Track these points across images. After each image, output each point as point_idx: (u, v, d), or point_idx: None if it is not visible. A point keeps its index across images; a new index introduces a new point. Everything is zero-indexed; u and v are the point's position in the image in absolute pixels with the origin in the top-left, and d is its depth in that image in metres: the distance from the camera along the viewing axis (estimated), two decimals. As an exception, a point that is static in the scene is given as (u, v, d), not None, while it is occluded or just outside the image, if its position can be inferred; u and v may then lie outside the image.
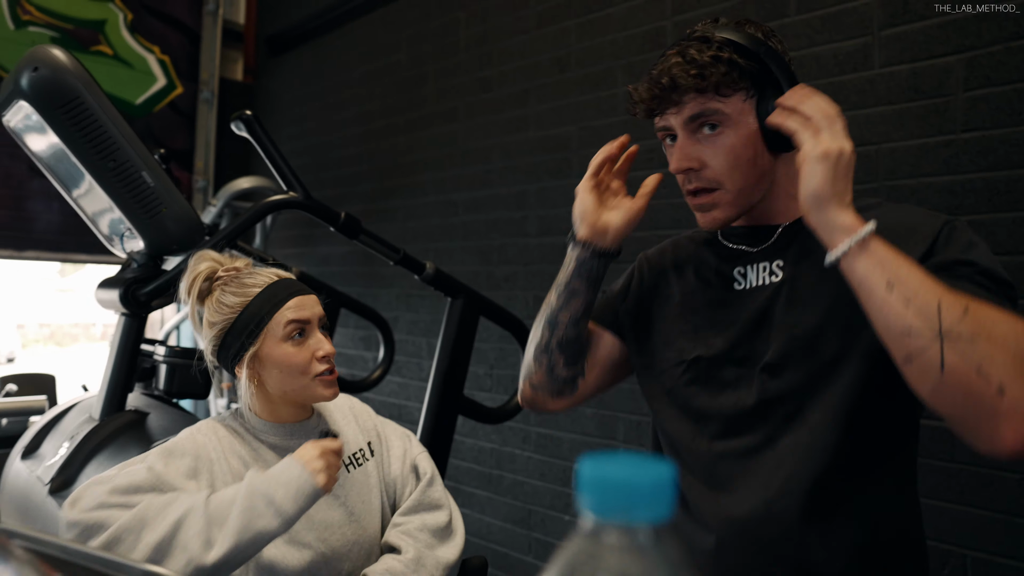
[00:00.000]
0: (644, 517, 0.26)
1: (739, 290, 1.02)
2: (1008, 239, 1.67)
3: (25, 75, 1.41)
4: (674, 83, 0.94)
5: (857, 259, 0.82)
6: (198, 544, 0.96)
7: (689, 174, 0.99)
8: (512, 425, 2.81)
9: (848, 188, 0.86)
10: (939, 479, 1.75)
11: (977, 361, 0.74)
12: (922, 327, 0.77)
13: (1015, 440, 0.73)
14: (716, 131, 0.96)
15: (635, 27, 2.51)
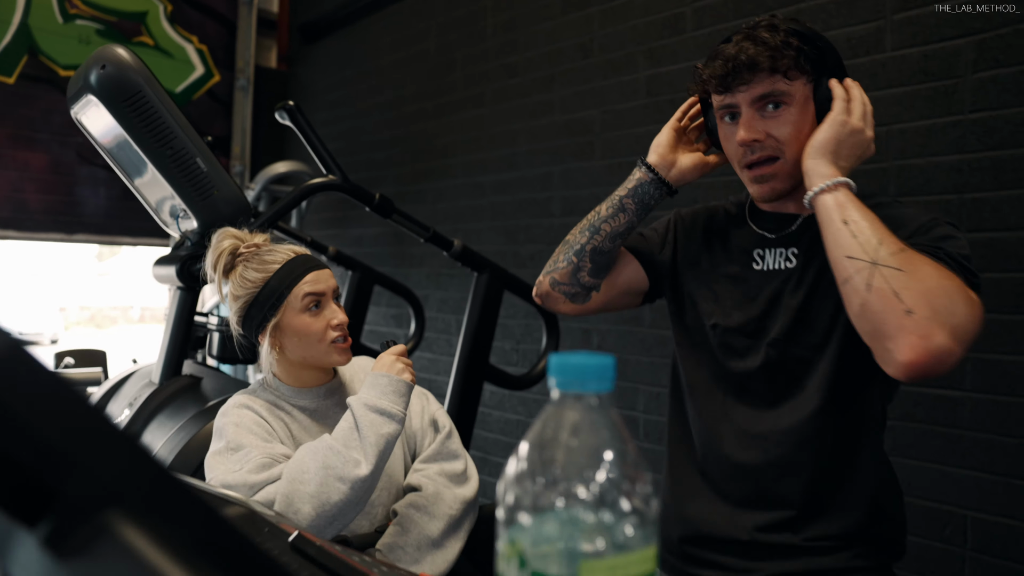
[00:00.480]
0: (593, 388, 0.38)
1: (757, 270, 1.15)
2: (1011, 215, 1.74)
3: (93, 73, 1.55)
4: (752, 61, 1.04)
5: (824, 197, 0.99)
6: (349, 468, 1.11)
7: (754, 145, 1.08)
8: (537, 397, 2.94)
9: (846, 158, 1.02)
10: (942, 443, 1.84)
11: (896, 288, 0.89)
12: (861, 255, 0.93)
13: (910, 353, 0.87)
14: (780, 109, 1.06)
15: (656, 13, 2.59)
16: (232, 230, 1.34)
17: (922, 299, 0.88)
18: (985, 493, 1.76)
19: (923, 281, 0.89)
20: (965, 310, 0.89)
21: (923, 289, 0.88)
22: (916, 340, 0.87)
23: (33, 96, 4.04)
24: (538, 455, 0.39)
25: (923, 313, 0.87)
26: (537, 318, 2.86)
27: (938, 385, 1.84)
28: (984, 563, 1.76)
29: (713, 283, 1.19)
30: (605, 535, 0.36)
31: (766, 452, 1.10)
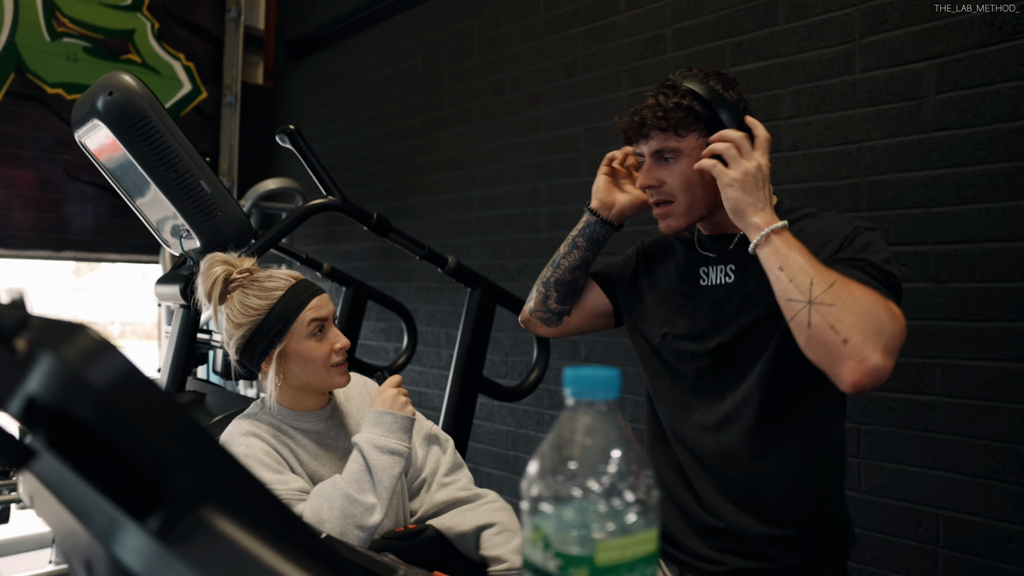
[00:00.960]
0: (602, 396, 0.46)
1: (704, 285, 1.30)
2: (973, 228, 1.84)
3: (100, 99, 1.61)
4: (643, 122, 1.21)
5: (762, 250, 1.11)
6: (366, 516, 1.16)
7: (651, 190, 1.26)
8: (527, 408, 3.01)
9: (760, 196, 1.13)
10: (915, 447, 1.93)
11: (831, 321, 1.01)
12: (798, 296, 1.05)
13: (852, 375, 1.00)
14: (672, 161, 1.23)
15: (638, 34, 2.69)
16: (220, 255, 1.34)
17: (854, 328, 1.00)
18: (956, 493, 1.86)
19: (853, 310, 1.00)
20: (891, 327, 1.01)
21: (854, 319, 1.00)
22: (855, 364, 0.99)
23: (20, 114, 4.06)
24: (557, 454, 0.46)
25: (857, 340, 0.99)
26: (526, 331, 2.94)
27: (910, 391, 1.94)
28: (955, 559, 1.85)
29: (668, 300, 1.34)
30: (615, 520, 0.44)
31: (719, 444, 1.24)
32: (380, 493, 1.19)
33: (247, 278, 1.30)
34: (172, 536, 0.39)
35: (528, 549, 0.45)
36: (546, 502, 0.45)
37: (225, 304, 1.29)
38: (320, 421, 1.35)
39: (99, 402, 0.38)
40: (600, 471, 0.45)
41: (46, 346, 0.39)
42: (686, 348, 1.28)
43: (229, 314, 1.28)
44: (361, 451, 1.22)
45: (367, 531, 1.16)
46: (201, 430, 0.41)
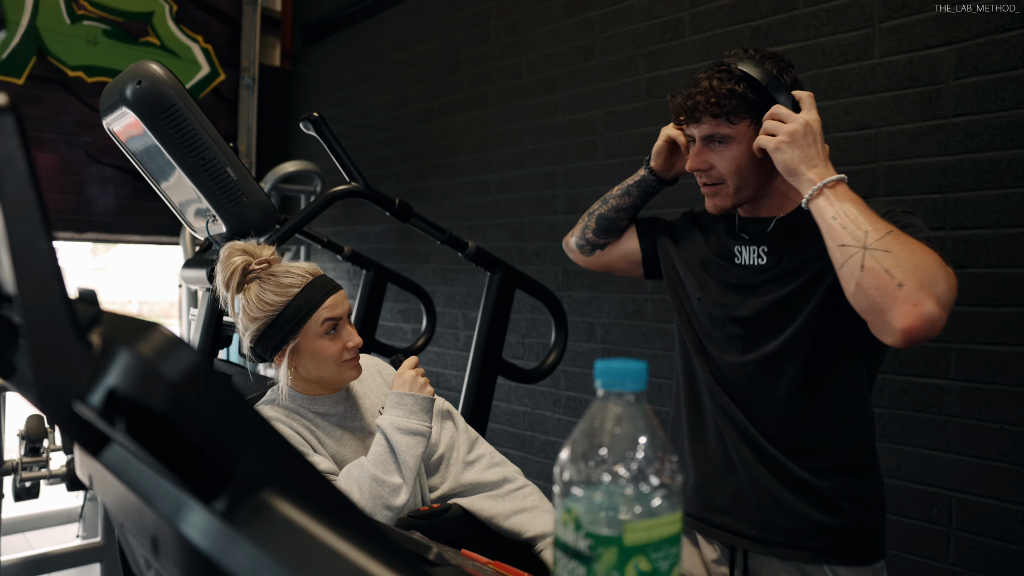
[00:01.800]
0: (631, 387, 0.49)
1: (737, 263, 1.34)
2: (991, 214, 1.85)
3: (129, 87, 1.64)
4: (696, 107, 1.23)
5: (815, 201, 1.13)
6: (393, 497, 1.20)
7: (700, 173, 1.29)
8: (543, 389, 3.05)
9: (811, 151, 1.14)
10: (929, 429, 1.95)
11: (886, 266, 1.03)
12: (852, 242, 1.07)
13: (906, 319, 1.00)
14: (723, 145, 1.24)
15: (655, 17, 2.68)
16: (240, 244, 1.34)
17: (909, 274, 1.01)
18: (969, 475, 1.88)
19: (909, 258, 1.02)
20: (945, 282, 1.03)
21: (909, 265, 1.02)
22: (910, 308, 1.00)
23: (42, 97, 4.12)
24: (588, 441, 0.49)
25: (912, 285, 1.00)
26: (543, 313, 2.97)
27: (925, 374, 1.96)
28: (967, 540, 1.88)
29: (704, 269, 1.39)
30: (641, 503, 0.47)
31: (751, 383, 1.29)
32: (405, 474, 1.23)
33: (265, 270, 1.31)
34: (237, 517, 0.43)
35: (560, 530, 0.49)
36: (577, 486, 0.48)
37: (242, 294, 1.30)
38: (336, 404, 1.37)
39: (172, 394, 0.42)
40: (628, 457, 0.48)
41: (123, 342, 0.42)
42: (717, 314, 1.33)
43: (245, 306, 1.29)
44: (384, 433, 1.25)
45: (394, 511, 1.21)
46: (262, 420, 0.45)
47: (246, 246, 1.34)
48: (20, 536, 3.56)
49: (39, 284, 0.44)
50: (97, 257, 19.10)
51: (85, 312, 0.48)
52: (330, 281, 1.34)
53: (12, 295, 0.48)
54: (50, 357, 0.44)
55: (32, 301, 0.44)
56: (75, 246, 13.37)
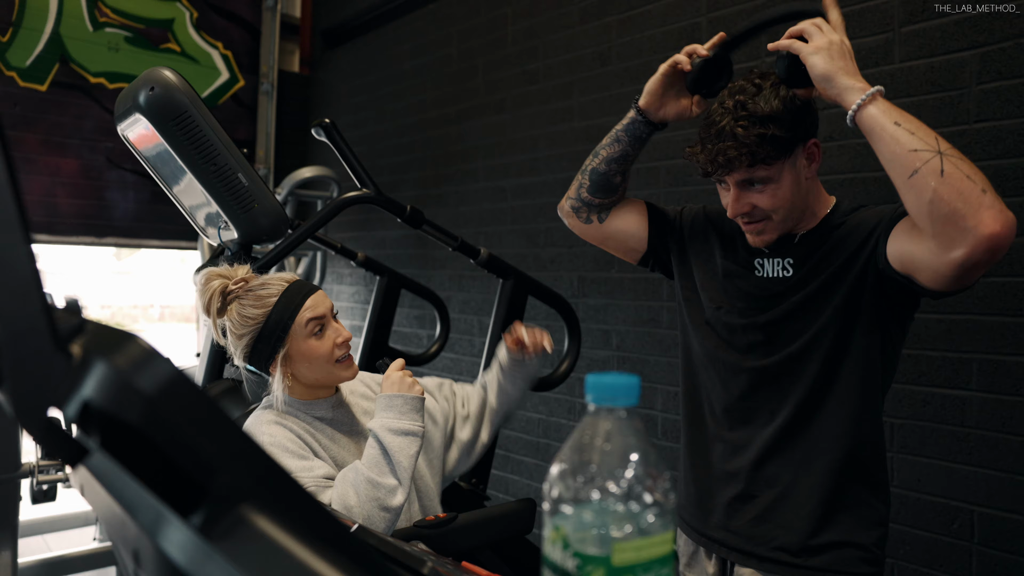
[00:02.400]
0: (622, 403, 0.47)
1: (758, 276, 1.31)
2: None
3: (143, 94, 1.66)
4: (730, 162, 1.19)
5: (868, 108, 1.06)
6: (390, 498, 1.21)
7: (742, 216, 1.26)
8: (558, 396, 3.03)
9: (848, 63, 1.09)
10: (950, 442, 1.91)
11: (966, 171, 0.99)
12: (926, 147, 1.01)
13: (994, 224, 0.96)
14: (763, 185, 1.21)
15: (672, 23, 2.66)
16: (216, 269, 1.36)
17: (986, 182, 0.99)
18: (991, 489, 1.83)
19: (977, 169, 1.01)
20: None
21: (984, 175, 1.00)
22: (996, 213, 0.97)
23: (64, 103, 4.17)
24: (578, 457, 0.48)
25: (993, 192, 0.98)
26: (556, 320, 2.95)
27: (946, 385, 1.91)
28: (990, 556, 1.83)
29: (723, 278, 1.35)
30: (632, 522, 0.45)
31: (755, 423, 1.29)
32: (400, 474, 1.23)
33: (242, 288, 1.33)
34: (213, 532, 0.42)
35: (548, 548, 0.47)
36: (566, 503, 0.47)
37: (226, 316, 1.32)
38: (330, 408, 1.39)
39: (147, 407, 0.41)
40: (619, 474, 0.47)
41: (99, 354, 0.42)
42: (737, 322, 1.30)
43: (231, 327, 1.32)
44: (376, 436, 1.26)
45: (393, 511, 1.20)
46: (241, 433, 0.44)
47: (221, 270, 1.36)
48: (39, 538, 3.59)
49: (17, 293, 0.43)
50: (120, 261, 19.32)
51: (66, 322, 0.47)
52: (307, 284, 1.37)
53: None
54: (26, 367, 0.43)
55: (9, 310, 0.43)
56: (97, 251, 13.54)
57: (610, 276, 2.84)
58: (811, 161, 1.23)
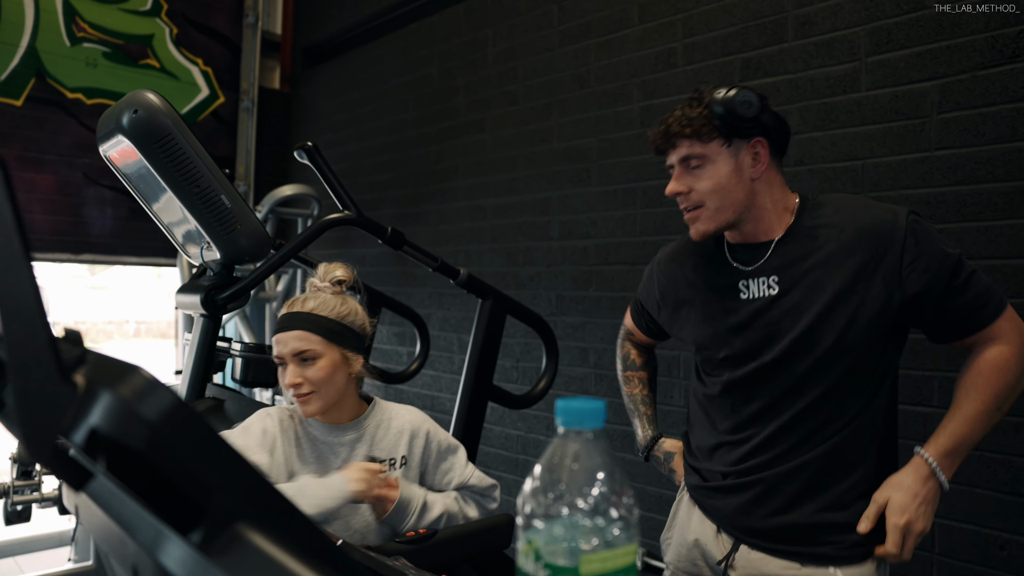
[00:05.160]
0: (589, 426, 0.51)
1: (744, 299, 1.34)
2: (973, 246, 1.88)
3: (126, 116, 1.68)
4: (669, 130, 1.29)
5: (949, 472, 1.23)
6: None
7: (681, 197, 1.33)
8: (536, 414, 3.06)
9: (923, 509, 1.21)
10: (915, 458, 1.97)
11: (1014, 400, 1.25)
12: (988, 421, 1.22)
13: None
14: (700, 167, 1.29)
15: (649, 48, 2.73)
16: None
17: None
18: (951, 502, 1.89)
19: (1014, 388, 1.23)
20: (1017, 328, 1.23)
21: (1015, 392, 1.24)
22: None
23: (40, 118, 4.14)
24: (548, 476, 0.52)
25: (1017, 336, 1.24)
26: (535, 338, 2.99)
27: (909, 402, 1.98)
28: (950, 566, 1.89)
29: (712, 321, 1.37)
30: (598, 536, 0.49)
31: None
32: None
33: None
34: (212, 549, 0.46)
35: (521, 560, 0.51)
36: (538, 518, 0.51)
37: None
38: (327, 433, 1.43)
39: (150, 433, 0.44)
40: (586, 492, 0.51)
41: (105, 384, 0.45)
42: (743, 362, 1.33)
43: None
44: (299, 487, 1.30)
45: None
46: (238, 456, 0.47)
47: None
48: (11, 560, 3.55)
49: (25, 328, 0.46)
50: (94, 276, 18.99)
51: (70, 352, 0.50)
52: (289, 317, 1.42)
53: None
54: (35, 397, 0.47)
55: (18, 344, 0.46)
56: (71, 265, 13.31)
57: (588, 295, 2.89)
58: (756, 161, 1.29)
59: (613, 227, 2.81)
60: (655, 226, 2.66)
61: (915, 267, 1.19)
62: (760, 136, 1.28)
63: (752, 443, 1.31)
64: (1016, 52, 1.82)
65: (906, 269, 1.20)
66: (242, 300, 1.84)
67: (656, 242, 2.63)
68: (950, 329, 1.25)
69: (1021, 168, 1.81)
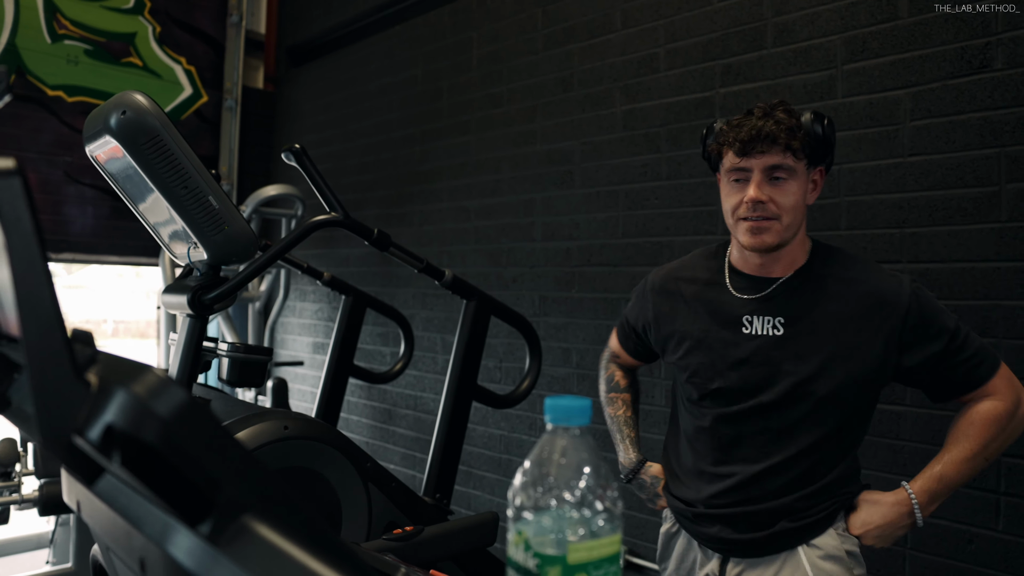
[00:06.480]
0: (576, 422, 0.55)
1: (747, 334, 1.34)
2: (943, 249, 1.94)
3: (114, 117, 1.69)
4: (772, 135, 1.25)
5: (927, 511, 1.29)
6: None
7: (758, 205, 1.28)
8: (519, 413, 3.10)
9: (891, 531, 1.31)
10: (887, 454, 2.03)
11: (1004, 447, 1.31)
12: (976, 464, 1.28)
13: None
14: (784, 180, 1.28)
15: (632, 53, 2.78)
16: None
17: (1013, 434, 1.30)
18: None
19: (1005, 436, 1.28)
20: (1013, 389, 1.29)
21: (1009, 435, 1.29)
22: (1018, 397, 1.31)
23: (20, 115, 4.11)
24: (538, 470, 0.55)
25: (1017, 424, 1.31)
26: (518, 338, 3.02)
27: (883, 401, 2.04)
28: (921, 560, 1.95)
29: (709, 351, 1.37)
30: (585, 526, 0.53)
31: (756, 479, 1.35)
32: None
33: None
34: (220, 539, 0.48)
35: (512, 550, 0.54)
36: (527, 510, 0.54)
37: None
38: None
39: (164, 429, 0.47)
40: (573, 485, 0.54)
41: (119, 382, 0.48)
42: (737, 397, 1.34)
43: None
44: None
45: None
46: (245, 451, 0.50)
47: None
48: (-11, 560, 3.52)
49: (43, 330, 0.49)
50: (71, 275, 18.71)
51: (83, 353, 0.53)
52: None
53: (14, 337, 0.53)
54: (52, 396, 0.49)
55: (36, 345, 0.49)
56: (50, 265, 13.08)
57: (570, 296, 2.92)
58: (814, 189, 1.33)
59: (596, 229, 2.85)
60: (637, 228, 2.70)
61: (916, 335, 1.25)
62: (822, 166, 1.32)
63: (736, 479, 1.33)
64: (984, 63, 1.88)
65: (907, 335, 1.25)
66: (228, 300, 1.85)
67: (638, 244, 2.68)
68: (948, 390, 1.31)
69: (989, 174, 1.87)
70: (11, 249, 0.49)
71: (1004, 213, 1.85)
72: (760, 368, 1.31)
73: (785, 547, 1.32)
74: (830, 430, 1.29)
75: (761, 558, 1.33)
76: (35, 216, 0.48)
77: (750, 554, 1.34)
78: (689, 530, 1.43)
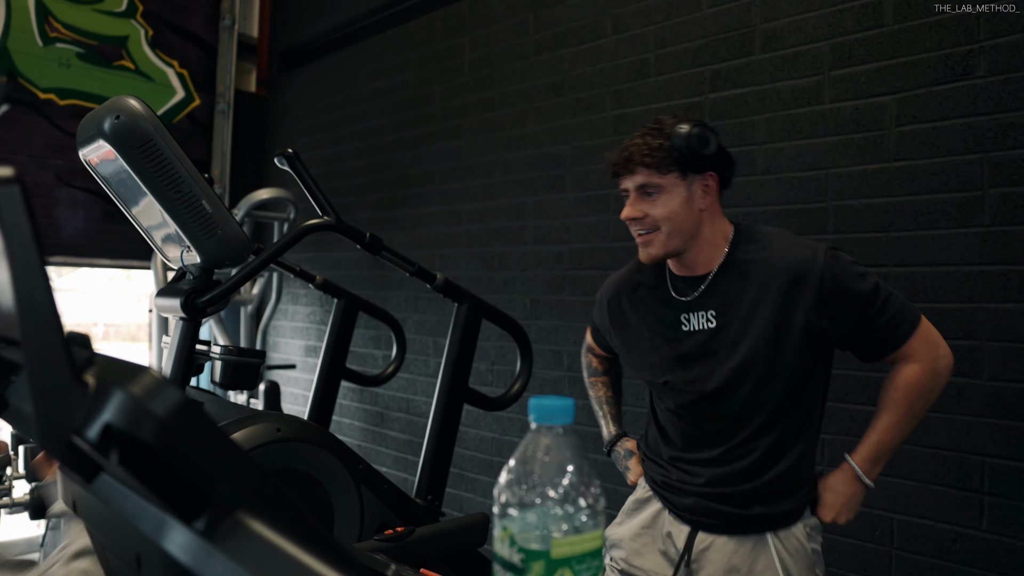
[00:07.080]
0: (560, 421, 0.56)
1: (686, 331, 1.45)
2: (928, 253, 1.97)
3: (107, 121, 1.70)
4: (631, 158, 1.37)
5: (873, 475, 1.39)
6: None
7: (635, 222, 1.41)
8: (511, 416, 3.11)
9: (846, 504, 1.43)
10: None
11: (930, 404, 1.39)
12: (906, 427, 1.38)
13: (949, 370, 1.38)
14: (656, 195, 1.38)
15: (622, 58, 2.80)
16: None
17: (936, 392, 1.39)
18: (908, 498, 1.98)
19: (928, 396, 1.37)
20: (936, 346, 1.35)
21: (934, 393, 1.38)
22: (948, 361, 1.39)
23: (12, 118, 4.10)
24: (522, 468, 0.57)
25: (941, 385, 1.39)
26: (510, 341, 3.04)
27: (870, 403, 2.06)
28: (907, 559, 1.98)
29: (657, 350, 1.49)
30: (568, 522, 0.54)
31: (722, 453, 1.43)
32: None
33: None
34: (215, 535, 0.50)
35: (497, 546, 0.56)
36: (512, 507, 0.56)
37: None
38: None
39: (160, 428, 0.48)
40: (557, 482, 0.56)
41: (117, 384, 0.49)
42: (686, 389, 1.43)
43: None
44: None
45: None
46: (240, 450, 0.52)
47: None
48: (-21, 564, 3.50)
49: (42, 333, 0.50)
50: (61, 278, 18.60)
51: (80, 355, 0.54)
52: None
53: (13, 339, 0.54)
54: (51, 396, 0.51)
55: (35, 347, 0.50)
56: (42, 266, 13.01)
57: (561, 299, 2.94)
58: (706, 193, 1.39)
59: (586, 232, 2.87)
60: (627, 232, 2.71)
61: (833, 302, 1.31)
62: (712, 171, 1.38)
63: (703, 466, 1.43)
64: (966, 70, 1.91)
65: (824, 303, 1.31)
66: (222, 304, 1.87)
67: (629, 248, 2.70)
68: (870, 351, 1.38)
69: (972, 179, 1.90)
70: (10, 254, 0.50)
71: (987, 217, 1.88)
72: (700, 360, 1.40)
73: (754, 530, 1.38)
74: (776, 406, 1.36)
75: (731, 536, 1.40)
76: (34, 222, 0.49)
77: (719, 531, 1.41)
78: (664, 498, 1.50)
